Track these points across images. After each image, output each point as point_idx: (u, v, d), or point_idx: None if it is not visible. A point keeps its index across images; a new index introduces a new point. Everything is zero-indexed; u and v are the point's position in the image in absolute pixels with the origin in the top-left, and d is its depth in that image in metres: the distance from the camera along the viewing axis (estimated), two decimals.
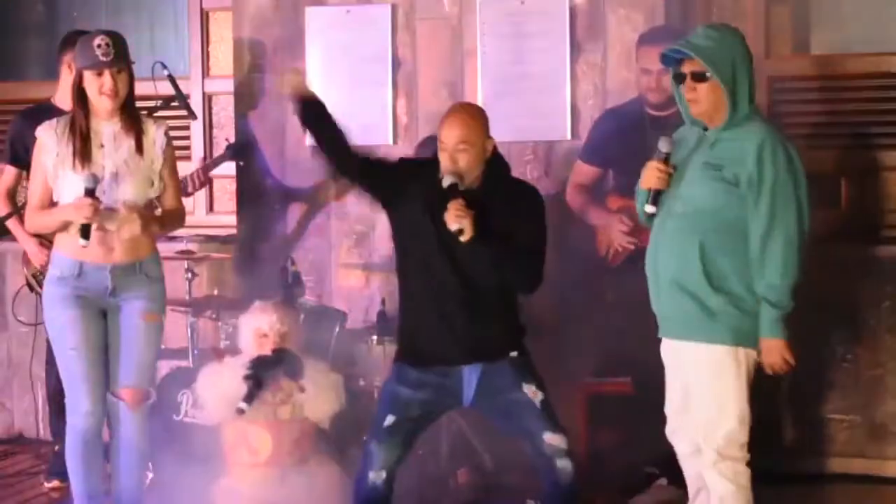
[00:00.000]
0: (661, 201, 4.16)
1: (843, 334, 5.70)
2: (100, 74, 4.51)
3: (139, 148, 4.62)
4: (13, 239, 5.77)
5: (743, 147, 4.03)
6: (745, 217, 4.04)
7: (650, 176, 4.17)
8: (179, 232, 6.26)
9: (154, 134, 4.67)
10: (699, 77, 4.06)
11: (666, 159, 4.15)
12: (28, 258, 5.68)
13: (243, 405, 4.68)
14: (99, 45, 4.50)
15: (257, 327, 4.93)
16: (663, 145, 4.16)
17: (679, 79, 4.14)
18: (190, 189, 5.87)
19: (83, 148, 4.54)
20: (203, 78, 6.78)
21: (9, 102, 6.84)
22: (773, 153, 4.00)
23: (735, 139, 4.05)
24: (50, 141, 4.59)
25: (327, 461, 4.86)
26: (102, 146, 4.58)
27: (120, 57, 4.53)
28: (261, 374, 4.76)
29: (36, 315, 5.90)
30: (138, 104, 4.70)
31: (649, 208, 4.19)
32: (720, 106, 4.06)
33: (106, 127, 4.60)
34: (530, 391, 4.34)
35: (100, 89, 4.52)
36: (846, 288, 5.68)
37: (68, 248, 4.61)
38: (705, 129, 4.13)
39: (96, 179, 4.48)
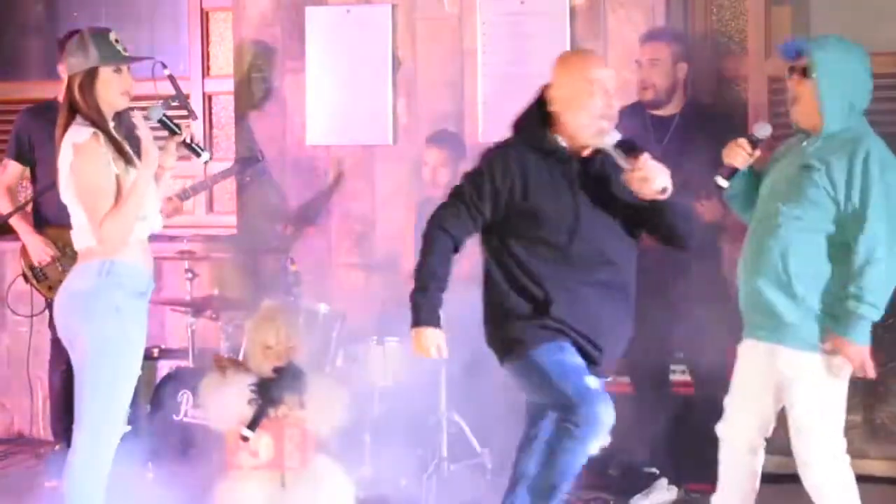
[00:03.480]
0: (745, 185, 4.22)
1: None
2: (118, 72, 4.26)
3: (137, 151, 4.46)
4: (14, 238, 5.78)
5: (845, 154, 4.03)
6: (833, 221, 4.05)
7: (733, 152, 4.20)
8: (179, 232, 6.29)
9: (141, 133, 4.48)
10: (802, 73, 4.15)
11: (755, 143, 4.19)
12: (26, 250, 5.66)
13: (248, 433, 4.61)
14: (117, 41, 4.28)
15: (263, 339, 4.81)
16: (759, 130, 4.22)
17: (790, 72, 4.22)
18: (191, 194, 5.86)
19: (125, 150, 4.25)
20: (203, 78, 6.78)
21: (9, 102, 6.84)
22: (881, 164, 4.01)
23: (838, 146, 4.06)
24: (108, 147, 4.21)
25: (329, 465, 4.84)
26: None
27: (129, 54, 4.34)
28: (265, 400, 4.66)
29: (31, 308, 5.92)
30: (138, 104, 4.61)
31: (722, 182, 4.22)
32: (819, 108, 4.12)
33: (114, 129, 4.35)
34: None
35: (121, 88, 4.26)
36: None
37: (137, 255, 4.26)
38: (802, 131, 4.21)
39: None
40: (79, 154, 4.17)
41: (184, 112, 5.61)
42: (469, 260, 5.65)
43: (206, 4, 6.77)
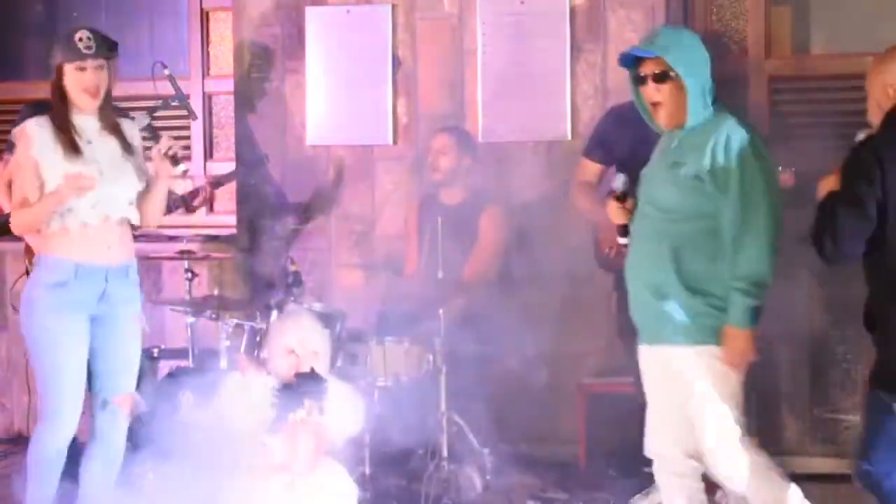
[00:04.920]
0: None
1: (843, 334, 5.70)
2: (81, 70, 4.44)
3: (125, 145, 4.56)
4: (14, 239, 5.76)
5: (706, 143, 4.03)
6: (715, 213, 4.04)
7: (613, 213, 4.26)
8: (179, 232, 6.30)
9: (131, 131, 4.63)
10: (661, 78, 4.08)
11: (621, 196, 4.22)
12: (30, 249, 5.66)
13: (268, 440, 4.59)
14: (80, 39, 4.45)
15: (286, 344, 4.77)
16: (618, 183, 4.25)
17: (639, 81, 4.15)
18: (196, 203, 5.82)
19: (71, 143, 4.45)
20: (203, 78, 6.78)
21: (9, 102, 6.84)
22: (740, 147, 3.99)
23: (698, 136, 4.05)
24: (41, 136, 4.47)
25: (334, 468, 4.82)
26: (90, 142, 4.51)
27: (101, 51, 4.48)
28: (285, 405, 4.62)
29: None
30: (138, 104, 4.67)
31: (621, 240, 4.27)
32: (682, 105, 4.07)
33: (88, 123, 4.52)
34: None
35: (81, 86, 4.46)
36: (847, 287, 5.67)
37: (63, 248, 4.49)
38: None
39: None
40: (16, 140, 4.51)
41: (183, 112, 5.62)
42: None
43: (206, 4, 6.77)
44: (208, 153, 6.80)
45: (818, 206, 3.94)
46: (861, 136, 4.07)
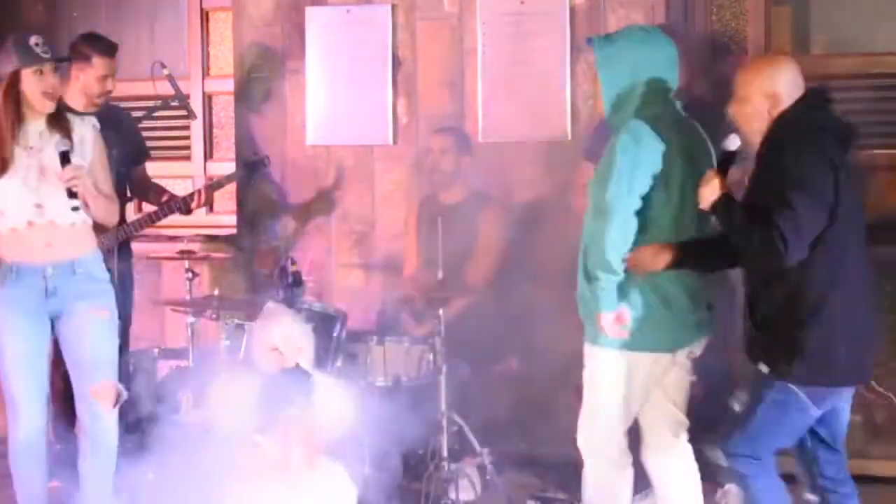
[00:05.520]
0: None
1: None
2: (40, 73, 4.45)
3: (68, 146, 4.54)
4: None
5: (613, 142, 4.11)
6: None
7: None
8: (180, 232, 6.30)
9: (82, 130, 4.60)
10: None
11: None
12: None
13: (259, 438, 4.60)
14: (37, 44, 4.46)
15: (269, 341, 4.78)
16: None
17: None
18: (193, 205, 5.82)
19: (5, 153, 4.46)
20: (203, 78, 6.79)
21: None
22: (621, 140, 4.03)
23: (615, 135, 4.12)
24: None
25: (333, 467, 4.82)
26: (31, 147, 4.50)
27: (54, 54, 4.52)
28: (273, 402, 4.63)
29: None
30: (138, 104, 4.66)
31: None
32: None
33: (31, 128, 4.52)
34: None
35: (41, 89, 4.46)
36: None
37: (6, 251, 4.55)
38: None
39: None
40: None
41: (183, 112, 5.62)
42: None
43: (206, 4, 6.78)
44: (208, 153, 6.80)
45: (721, 209, 3.95)
46: (732, 141, 4.00)
